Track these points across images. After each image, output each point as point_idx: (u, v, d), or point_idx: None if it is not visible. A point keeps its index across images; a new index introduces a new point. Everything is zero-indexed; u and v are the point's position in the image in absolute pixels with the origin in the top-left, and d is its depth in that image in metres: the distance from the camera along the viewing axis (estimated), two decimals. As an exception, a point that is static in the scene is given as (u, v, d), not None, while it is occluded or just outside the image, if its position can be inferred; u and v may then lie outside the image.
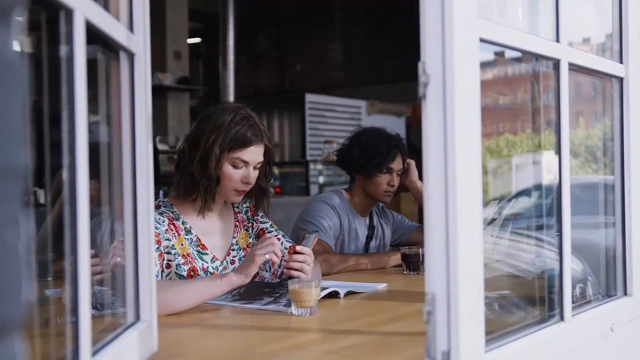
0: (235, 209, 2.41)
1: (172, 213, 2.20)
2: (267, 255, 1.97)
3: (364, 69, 9.67)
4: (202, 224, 2.27)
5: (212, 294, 1.96)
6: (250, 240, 2.39)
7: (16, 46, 0.57)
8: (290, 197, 7.15)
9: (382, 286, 2.36)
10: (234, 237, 2.35)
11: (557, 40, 1.53)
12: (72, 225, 1.02)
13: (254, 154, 2.23)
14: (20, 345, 0.58)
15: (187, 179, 2.21)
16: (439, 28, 1.18)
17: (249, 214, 2.43)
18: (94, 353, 1.10)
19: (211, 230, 2.29)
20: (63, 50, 1.03)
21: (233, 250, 2.33)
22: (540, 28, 1.69)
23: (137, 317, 1.38)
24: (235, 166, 2.20)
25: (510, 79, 1.91)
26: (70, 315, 1.07)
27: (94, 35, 1.13)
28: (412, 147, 4.47)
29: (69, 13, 1.00)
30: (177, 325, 1.80)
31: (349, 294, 2.19)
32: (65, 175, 1.03)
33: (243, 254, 2.33)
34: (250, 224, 2.42)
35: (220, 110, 2.22)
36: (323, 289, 2.04)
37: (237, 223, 2.38)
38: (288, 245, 2.39)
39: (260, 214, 2.46)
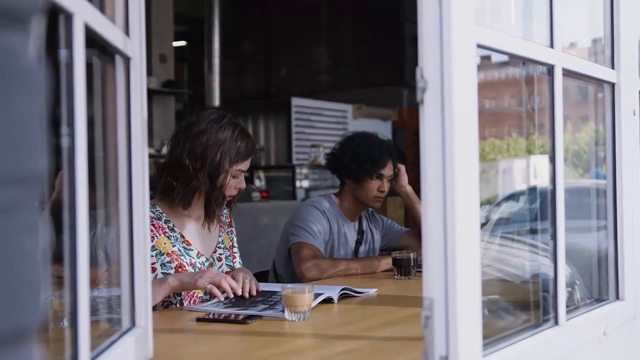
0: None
1: (154, 213, 2.24)
2: (208, 286, 2.04)
3: (350, 73, 9.69)
4: (187, 223, 2.34)
5: (154, 300, 1.99)
6: (231, 242, 2.50)
7: (35, 51, 0.56)
8: (276, 201, 7.14)
9: (373, 291, 2.36)
10: (220, 236, 2.44)
11: (551, 45, 1.53)
12: (70, 230, 1.01)
13: (249, 162, 2.35)
14: (39, 351, 0.58)
15: (192, 192, 2.26)
16: (437, 34, 1.18)
17: (228, 220, 2.53)
18: (92, 359, 1.09)
19: (197, 230, 2.35)
20: (62, 54, 1.02)
21: (220, 247, 2.42)
22: (534, 33, 1.70)
23: (133, 323, 1.37)
24: (234, 177, 2.30)
25: (496, 83, 1.92)
26: (64, 321, 1.06)
27: (91, 39, 1.12)
28: (400, 152, 4.48)
29: (69, 17, 1.00)
30: (172, 331, 1.79)
31: (344, 297, 2.19)
32: (64, 179, 1.02)
33: (228, 252, 2.44)
34: (231, 230, 2.53)
35: (214, 125, 2.27)
36: (316, 295, 2.04)
37: (222, 224, 2.47)
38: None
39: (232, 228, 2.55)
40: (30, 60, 0.55)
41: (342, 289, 2.20)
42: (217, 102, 8.58)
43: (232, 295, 2.09)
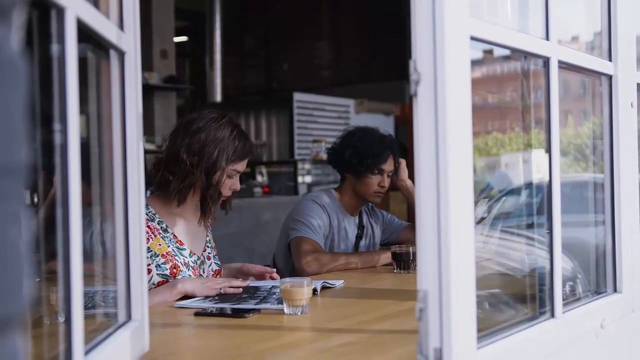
0: None
1: (147, 214, 2.25)
2: (221, 291, 2.13)
3: (351, 68, 9.69)
4: (179, 222, 2.36)
5: (165, 302, 2.07)
6: (214, 243, 2.54)
7: (16, 44, 0.57)
8: (278, 196, 7.15)
9: (339, 283, 2.39)
10: (207, 236, 2.48)
11: (547, 38, 1.53)
12: (64, 225, 1.01)
13: (245, 164, 2.38)
14: (22, 342, 0.58)
15: (188, 188, 2.28)
16: (430, 26, 1.18)
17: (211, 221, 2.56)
18: (86, 352, 1.10)
19: (187, 229, 2.38)
20: (54, 48, 1.02)
21: (208, 247, 2.46)
22: (530, 26, 1.70)
23: (129, 317, 1.38)
24: (229, 176, 2.32)
25: (498, 77, 1.91)
26: (60, 315, 1.07)
27: (84, 34, 1.12)
28: (401, 146, 4.48)
29: (61, 11, 1.00)
30: (169, 325, 1.80)
31: (323, 288, 2.24)
32: (57, 175, 1.02)
33: (215, 252, 2.49)
34: (211, 231, 2.56)
35: (214, 123, 2.30)
36: None
37: (208, 225, 2.51)
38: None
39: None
40: (12, 52, 0.55)
41: (322, 286, 2.24)
42: (218, 97, 8.59)
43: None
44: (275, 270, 2.50)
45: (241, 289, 2.16)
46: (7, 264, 0.55)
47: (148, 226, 2.24)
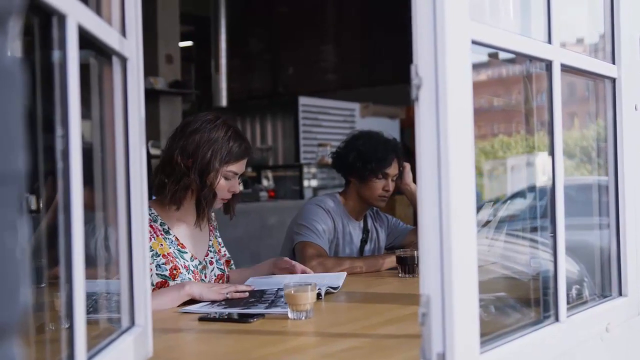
0: None
1: (150, 215, 2.26)
2: (228, 295, 2.13)
3: (357, 72, 9.67)
4: (181, 226, 2.37)
5: (171, 306, 2.08)
6: (219, 246, 2.54)
7: (13, 52, 0.57)
8: (284, 200, 7.15)
9: (342, 275, 2.42)
10: (210, 240, 2.48)
11: (549, 41, 1.53)
12: (66, 231, 1.01)
13: (243, 165, 2.37)
14: (19, 349, 0.58)
15: (183, 190, 2.28)
16: (431, 30, 1.18)
17: (215, 223, 2.57)
18: (89, 358, 1.10)
19: (189, 233, 2.39)
20: (56, 55, 1.03)
21: (211, 251, 2.46)
22: (533, 29, 1.69)
23: (132, 322, 1.38)
24: (226, 178, 2.32)
25: (504, 80, 1.91)
26: (64, 321, 1.07)
27: (86, 40, 1.13)
28: (406, 150, 4.48)
29: (62, 18, 1.00)
30: (172, 330, 1.80)
31: (327, 293, 2.23)
32: (58, 181, 1.02)
33: (218, 257, 2.48)
34: (217, 234, 2.56)
35: (208, 124, 2.31)
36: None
37: (212, 228, 2.51)
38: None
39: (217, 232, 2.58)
40: (9, 60, 0.56)
41: (326, 290, 2.23)
42: (224, 102, 8.58)
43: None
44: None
45: (247, 294, 2.16)
46: (4, 272, 0.55)
47: (151, 226, 2.26)
